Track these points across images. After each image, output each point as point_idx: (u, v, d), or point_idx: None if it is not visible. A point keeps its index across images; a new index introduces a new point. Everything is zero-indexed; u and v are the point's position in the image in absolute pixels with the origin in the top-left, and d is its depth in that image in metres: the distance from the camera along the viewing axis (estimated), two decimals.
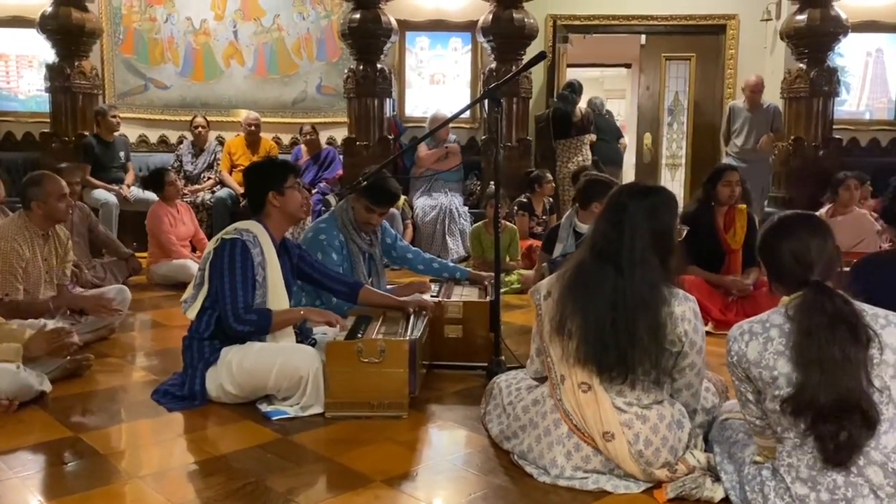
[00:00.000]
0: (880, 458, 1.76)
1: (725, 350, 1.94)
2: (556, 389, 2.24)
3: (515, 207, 6.19)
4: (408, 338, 2.80)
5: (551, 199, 6.48)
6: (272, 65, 7.71)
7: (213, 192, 6.90)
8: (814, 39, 6.71)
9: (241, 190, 6.75)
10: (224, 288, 2.80)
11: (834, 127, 7.07)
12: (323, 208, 6.28)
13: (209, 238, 5.85)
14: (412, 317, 3.09)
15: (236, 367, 2.78)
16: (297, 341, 3.00)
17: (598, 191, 4.21)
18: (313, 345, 3.04)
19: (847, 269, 2.50)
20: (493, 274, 3.39)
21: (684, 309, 2.13)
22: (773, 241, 1.95)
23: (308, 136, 7.05)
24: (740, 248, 4.51)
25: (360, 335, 2.85)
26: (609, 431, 2.12)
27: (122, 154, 6.87)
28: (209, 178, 7.07)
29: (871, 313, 1.83)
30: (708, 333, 3.61)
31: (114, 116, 6.79)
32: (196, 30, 7.66)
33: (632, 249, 2.12)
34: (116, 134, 6.87)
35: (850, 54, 7.59)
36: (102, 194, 6.47)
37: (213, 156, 7.20)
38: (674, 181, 8.45)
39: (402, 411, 2.74)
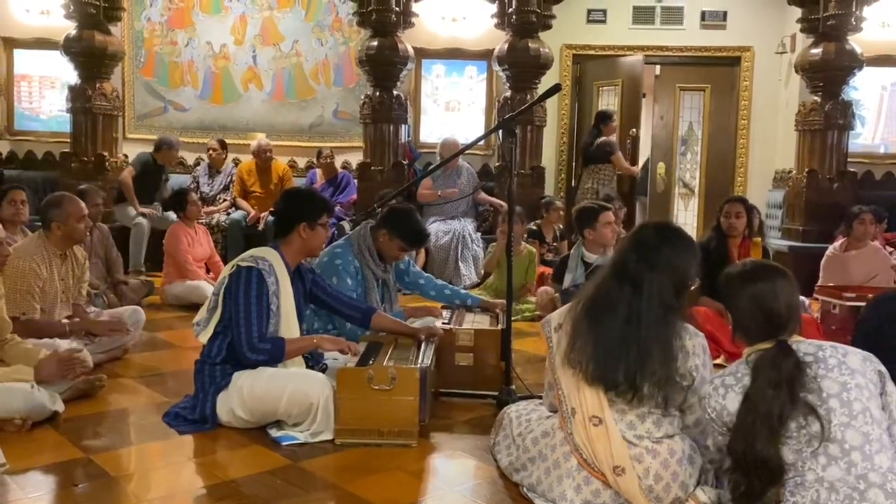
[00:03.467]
0: (879, 480, 1.78)
1: None
2: (566, 423, 2.23)
3: (525, 235, 6.20)
4: (419, 365, 2.81)
5: (561, 227, 6.50)
6: (290, 89, 7.82)
7: (227, 214, 6.97)
8: (829, 73, 6.72)
9: (254, 213, 6.84)
10: (239, 316, 2.82)
11: (848, 160, 7.06)
12: (336, 233, 6.32)
13: (223, 260, 5.92)
14: (423, 344, 3.10)
15: (247, 393, 2.80)
16: (308, 366, 3.01)
17: (586, 218, 4.29)
18: (324, 370, 3.05)
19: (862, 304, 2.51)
20: (504, 302, 3.40)
21: (694, 343, 2.16)
22: (737, 289, 2.04)
23: (326, 160, 7.12)
24: None
25: (371, 362, 2.86)
26: (620, 466, 2.11)
27: (163, 181, 7.02)
28: (225, 200, 7.14)
29: (831, 350, 1.91)
30: (719, 366, 3.64)
31: (178, 152, 7.10)
32: (216, 54, 7.79)
33: (651, 271, 2.15)
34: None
35: (865, 88, 7.62)
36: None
37: (229, 178, 7.28)
38: (687, 211, 8.45)
39: (411, 440, 2.73)
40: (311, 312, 3.45)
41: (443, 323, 3.53)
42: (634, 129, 8.03)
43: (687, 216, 8.43)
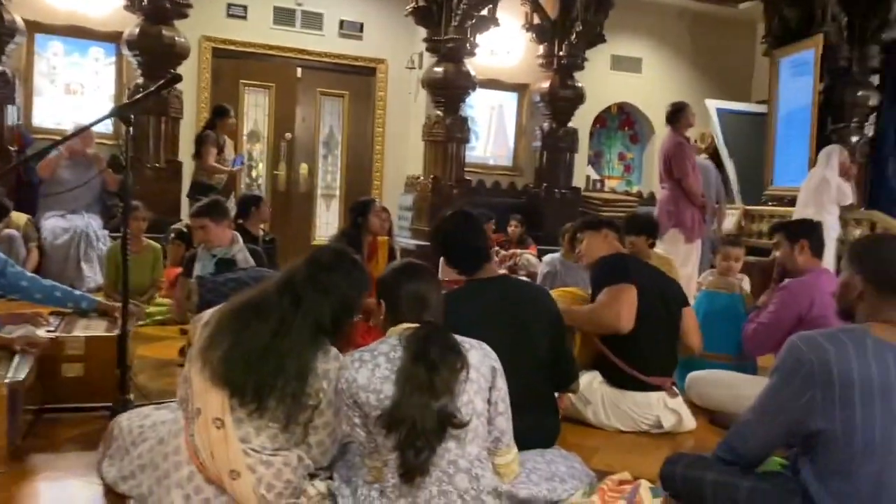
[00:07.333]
0: (466, 465, 2.00)
1: None
2: (190, 424, 2.14)
3: (172, 235, 5.83)
4: (6, 381, 2.45)
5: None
6: None
7: None
8: (449, 90, 7.51)
9: None
10: None
11: (465, 169, 7.97)
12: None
13: None
14: (17, 356, 2.72)
15: None
16: None
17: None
18: None
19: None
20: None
21: (328, 368, 2.15)
22: (396, 282, 2.18)
23: None
24: None
25: None
26: (236, 470, 2.08)
27: None
28: None
29: (459, 341, 2.09)
30: None
31: None
32: None
33: (316, 291, 2.17)
34: None
35: (478, 107, 8.67)
36: None
37: None
38: (329, 211, 8.74)
39: None
40: None
41: (48, 331, 3.14)
42: (289, 134, 8.11)
43: (329, 216, 8.73)
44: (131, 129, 3.03)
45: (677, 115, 5.86)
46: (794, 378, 1.95)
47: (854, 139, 7.56)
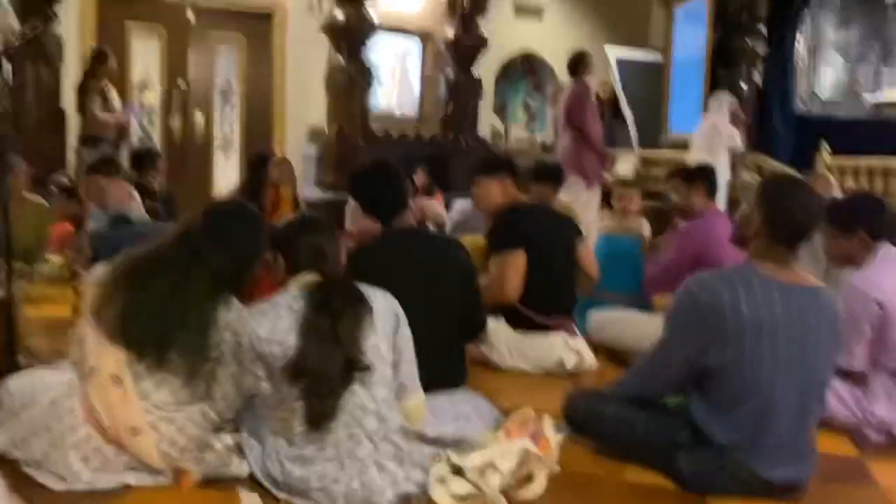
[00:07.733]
0: (374, 408, 2.03)
1: None
2: (84, 383, 2.07)
3: (57, 190, 5.46)
4: None
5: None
6: None
7: None
8: (350, 37, 7.31)
9: None
10: None
11: (371, 119, 7.83)
12: None
13: None
14: None
15: None
16: None
17: None
18: None
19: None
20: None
21: (228, 319, 2.11)
22: (293, 235, 2.20)
23: None
24: None
25: None
26: (136, 427, 2.03)
27: None
28: None
29: (362, 289, 2.14)
30: None
31: None
32: None
33: (215, 244, 2.13)
34: None
35: (383, 55, 8.49)
36: None
37: None
38: (228, 163, 8.44)
39: None
40: None
41: None
42: (182, 82, 7.76)
43: (228, 169, 8.44)
44: (8, 77, 2.82)
45: (578, 64, 5.94)
46: (689, 317, 2.07)
47: (744, 87, 7.90)
